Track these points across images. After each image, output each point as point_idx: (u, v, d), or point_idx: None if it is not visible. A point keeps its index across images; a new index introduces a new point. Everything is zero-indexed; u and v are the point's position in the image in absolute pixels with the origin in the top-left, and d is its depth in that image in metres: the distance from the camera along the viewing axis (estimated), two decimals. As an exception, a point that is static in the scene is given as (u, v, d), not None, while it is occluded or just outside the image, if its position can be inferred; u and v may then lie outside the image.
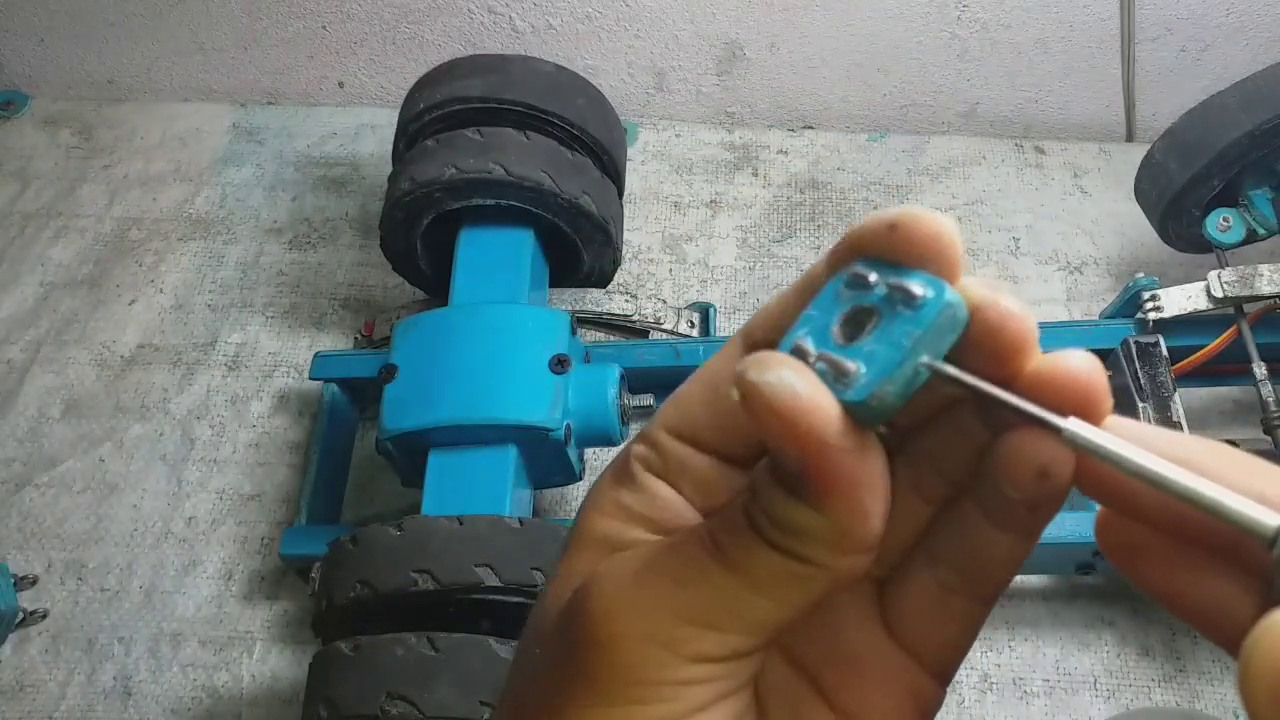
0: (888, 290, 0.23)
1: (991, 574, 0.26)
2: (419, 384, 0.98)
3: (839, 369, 0.23)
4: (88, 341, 1.32)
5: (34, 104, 1.57)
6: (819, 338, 0.24)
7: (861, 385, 0.23)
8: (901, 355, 0.23)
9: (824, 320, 0.24)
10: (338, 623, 0.86)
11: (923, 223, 0.23)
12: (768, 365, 0.22)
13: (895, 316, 0.23)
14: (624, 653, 0.23)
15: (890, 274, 0.23)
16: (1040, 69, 1.41)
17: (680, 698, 0.23)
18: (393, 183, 1.11)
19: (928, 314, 0.23)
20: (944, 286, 0.23)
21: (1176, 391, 0.99)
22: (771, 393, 0.22)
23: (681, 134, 1.50)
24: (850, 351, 0.23)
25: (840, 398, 0.22)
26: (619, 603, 0.24)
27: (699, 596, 0.23)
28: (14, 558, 1.15)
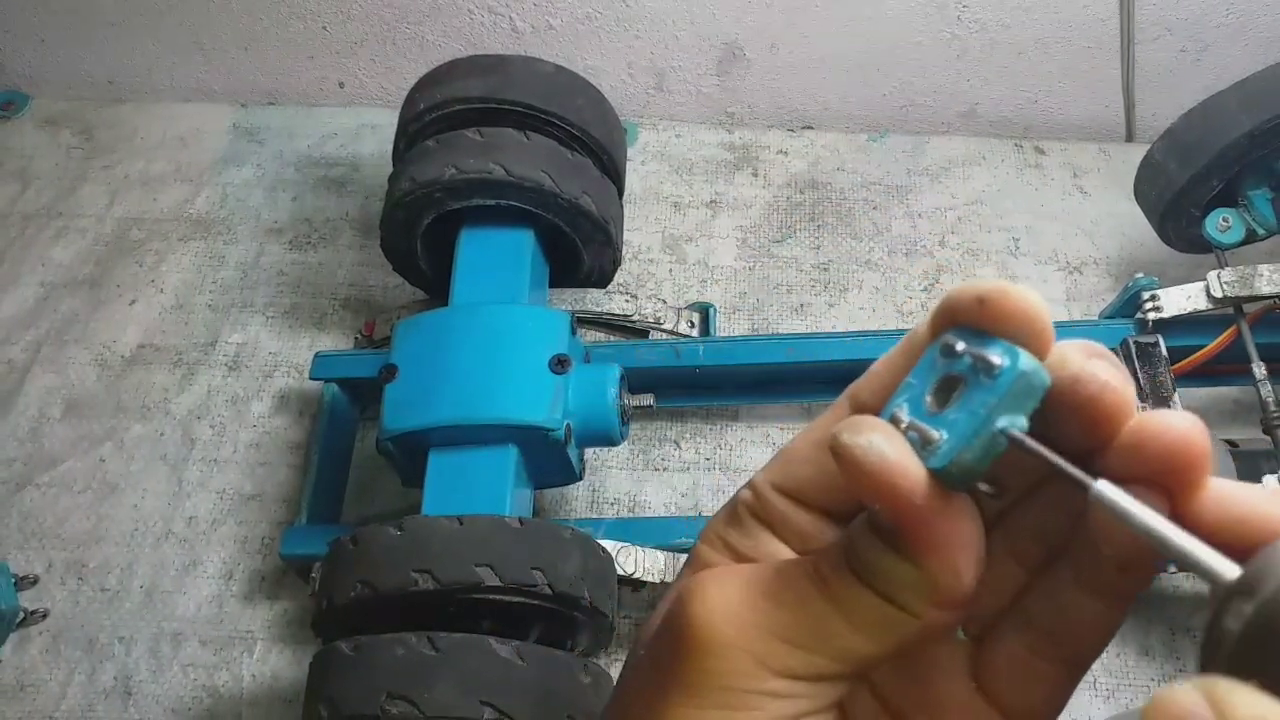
0: (972, 360, 0.25)
1: (1079, 640, 0.27)
2: (419, 384, 0.98)
3: (925, 437, 0.24)
4: (88, 341, 1.32)
5: (34, 104, 1.57)
6: (914, 405, 0.25)
7: (942, 453, 0.24)
8: (978, 424, 0.24)
9: (920, 389, 0.26)
10: (338, 622, 0.86)
11: (1010, 298, 0.24)
12: (859, 429, 0.24)
13: (976, 385, 0.24)
14: (719, 659, 0.25)
15: (976, 344, 0.25)
16: (1040, 69, 1.41)
17: (764, 708, 0.25)
18: (393, 183, 1.11)
19: (1003, 382, 0.24)
20: (1019, 355, 0.24)
21: (1176, 391, 0.99)
22: (862, 455, 0.24)
23: (681, 134, 1.50)
24: (937, 420, 0.25)
25: (925, 464, 0.24)
26: (719, 612, 0.26)
27: (795, 618, 0.25)
28: (14, 557, 1.15)
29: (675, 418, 1.23)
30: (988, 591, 0.27)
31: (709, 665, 0.25)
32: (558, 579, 0.83)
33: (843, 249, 1.37)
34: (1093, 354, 0.25)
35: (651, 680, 0.27)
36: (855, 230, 1.38)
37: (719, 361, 1.11)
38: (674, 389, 1.17)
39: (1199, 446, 0.23)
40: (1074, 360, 0.24)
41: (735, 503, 0.29)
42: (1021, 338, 0.24)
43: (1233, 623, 0.21)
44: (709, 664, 0.25)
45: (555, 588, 0.83)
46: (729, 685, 0.25)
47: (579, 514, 1.16)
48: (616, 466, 1.20)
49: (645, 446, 1.21)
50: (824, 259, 1.36)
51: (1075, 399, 0.24)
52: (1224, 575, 0.22)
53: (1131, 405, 0.24)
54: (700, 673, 0.25)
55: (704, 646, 0.25)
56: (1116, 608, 0.27)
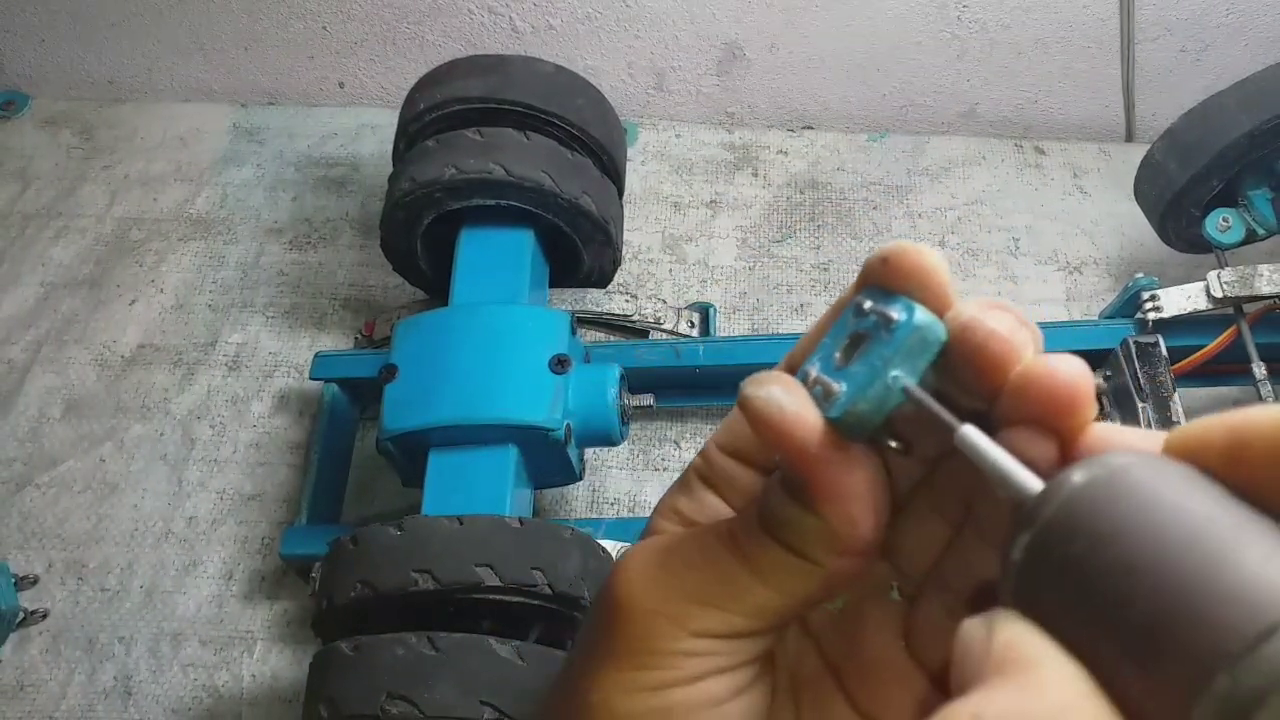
0: (876, 317, 0.26)
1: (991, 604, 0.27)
2: (419, 384, 0.98)
3: (828, 390, 0.26)
4: (88, 341, 1.32)
5: (34, 104, 1.57)
6: (824, 362, 0.27)
7: (839, 403, 0.25)
8: (874, 375, 0.25)
9: (832, 347, 0.27)
10: (338, 622, 0.86)
11: (908, 255, 0.26)
12: (760, 382, 0.26)
13: (878, 340, 0.25)
14: (637, 623, 0.27)
15: (882, 302, 0.26)
16: (1040, 69, 1.41)
17: (682, 666, 0.26)
18: (393, 183, 1.11)
19: (899, 336, 0.25)
20: (914, 309, 0.25)
21: (1176, 391, 0.99)
22: (761, 405, 0.25)
23: (681, 134, 1.50)
24: (839, 374, 0.26)
25: (825, 414, 0.25)
26: (637, 580, 0.27)
27: (707, 579, 0.27)
28: (14, 557, 1.15)
29: (675, 418, 1.23)
30: (918, 551, 0.28)
31: (628, 630, 0.27)
32: (558, 579, 0.83)
33: (843, 249, 1.37)
34: (990, 307, 0.25)
35: (584, 649, 0.28)
36: (855, 230, 1.38)
37: (719, 361, 1.11)
38: (674, 389, 1.17)
39: (1083, 388, 0.24)
40: (965, 310, 0.25)
41: (687, 471, 0.31)
42: (921, 294, 0.25)
43: (1015, 553, 0.22)
44: (628, 629, 0.27)
45: (555, 588, 0.83)
46: (648, 648, 0.26)
47: (579, 514, 1.16)
48: (616, 466, 1.20)
49: (645, 446, 1.21)
50: (824, 259, 1.36)
51: (965, 348, 0.25)
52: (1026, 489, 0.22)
53: (1018, 352, 0.24)
54: (622, 638, 0.27)
55: (624, 613, 0.27)
56: None
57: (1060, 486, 0.21)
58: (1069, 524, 0.21)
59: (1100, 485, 0.21)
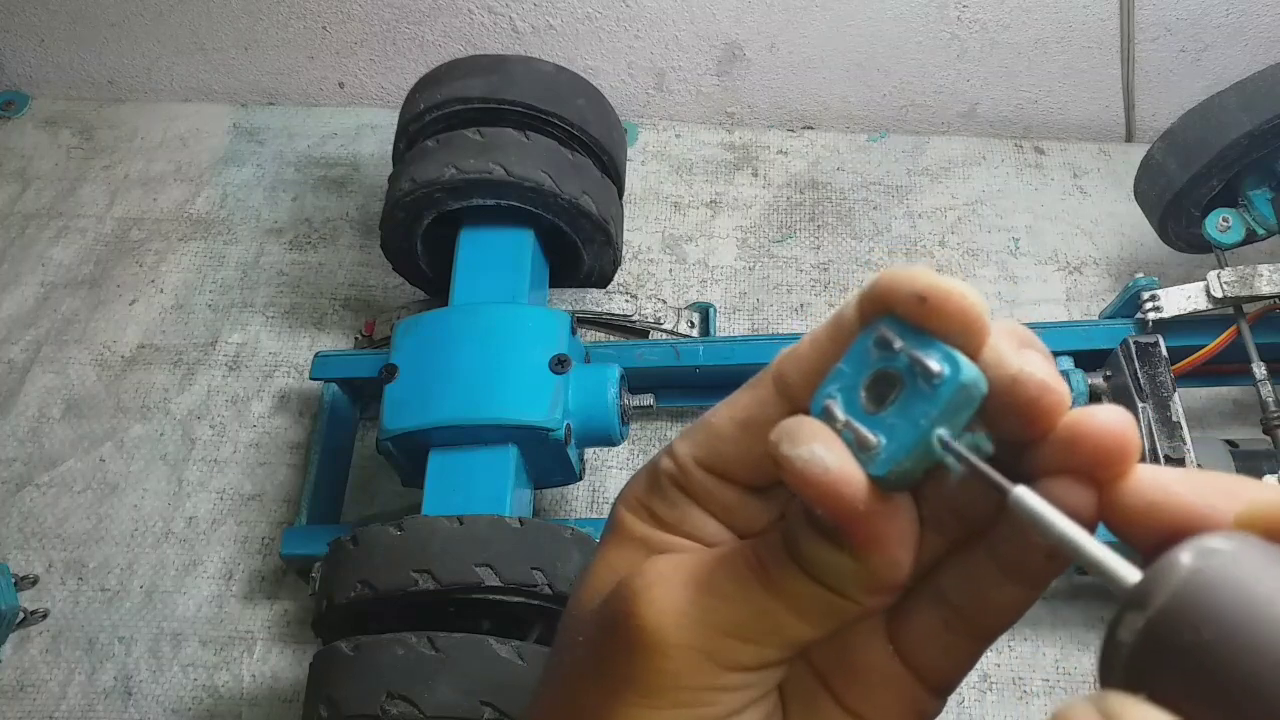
0: (909, 362, 0.25)
1: (992, 619, 0.28)
2: (419, 384, 0.98)
3: (863, 441, 0.25)
4: (88, 341, 1.32)
5: (34, 104, 1.57)
6: (847, 399, 0.25)
7: (881, 460, 0.24)
8: (918, 435, 0.24)
9: (853, 380, 0.26)
10: (338, 622, 0.86)
11: (952, 299, 0.24)
12: (798, 438, 0.24)
13: (915, 391, 0.25)
14: (671, 660, 0.25)
15: (914, 342, 0.25)
16: (1040, 69, 1.41)
17: (719, 702, 0.26)
18: (393, 183, 1.11)
19: (944, 394, 0.24)
20: (960, 365, 0.24)
21: (1176, 391, 0.99)
22: (804, 466, 0.24)
23: (681, 134, 1.50)
24: (873, 421, 0.25)
25: (866, 469, 0.24)
26: (669, 614, 0.26)
27: (742, 613, 0.26)
28: (14, 558, 1.15)
29: (675, 418, 1.23)
30: None
31: (662, 666, 0.25)
32: (558, 579, 0.83)
33: (843, 249, 1.37)
34: (1024, 345, 0.25)
35: (601, 679, 0.27)
36: (855, 230, 1.38)
37: (719, 361, 1.11)
38: (674, 389, 1.17)
39: (1131, 443, 0.24)
40: (1010, 360, 0.24)
41: (657, 471, 0.29)
42: (960, 340, 0.24)
43: (1126, 635, 0.21)
44: (661, 665, 0.25)
45: (555, 588, 0.83)
46: (683, 685, 0.25)
47: (579, 514, 1.16)
48: (616, 466, 1.20)
49: (645, 446, 1.21)
50: (824, 259, 1.36)
51: (1013, 400, 0.24)
52: (1126, 583, 0.22)
53: (1066, 402, 0.24)
54: (653, 673, 0.25)
55: (655, 648, 0.25)
56: (1033, 591, 0.27)
57: (1173, 570, 0.21)
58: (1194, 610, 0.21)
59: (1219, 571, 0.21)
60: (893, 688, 0.28)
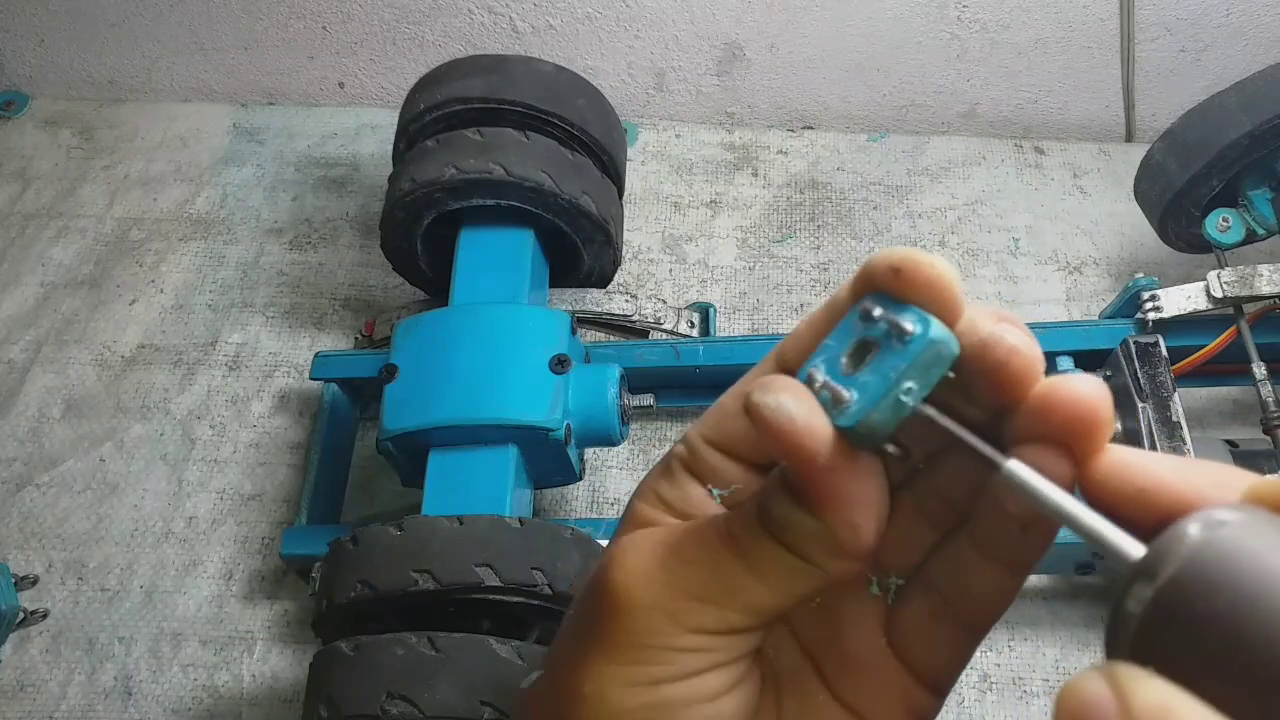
0: (887, 326, 0.26)
1: (977, 605, 0.28)
2: (419, 384, 0.98)
3: (837, 396, 0.25)
4: (88, 341, 1.32)
5: (34, 104, 1.57)
6: (830, 366, 0.26)
7: (851, 412, 0.25)
8: (888, 386, 0.25)
9: (837, 350, 0.27)
10: (338, 622, 0.86)
11: (922, 267, 0.25)
12: (769, 388, 0.25)
13: (888, 350, 0.25)
14: (634, 619, 0.26)
15: (892, 310, 0.26)
16: (1040, 69, 1.41)
17: (677, 661, 0.26)
18: (393, 183, 1.11)
19: (913, 349, 0.25)
20: (931, 323, 0.25)
21: (1176, 391, 0.99)
22: (770, 414, 0.25)
23: (681, 134, 1.50)
24: (849, 381, 0.26)
25: (834, 422, 0.25)
26: (635, 575, 0.27)
27: (705, 576, 0.27)
28: (14, 558, 1.15)
29: (675, 418, 1.23)
30: (900, 550, 0.29)
31: (626, 624, 0.26)
32: (558, 579, 0.83)
33: (843, 249, 1.37)
34: (1001, 319, 0.26)
35: (576, 640, 0.28)
36: (855, 230, 1.38)
37: (719, 361, 1.11)
38: (674, 389, 1.17)
39: (1103, 411, 0.24)
40: (982, 325, 0.25)
41: (670, 457, 0.31)
42: (933, 306, 0.25)
43: (1134, 606, 0.21)
44: (626, 623, 0.26)
45: (555, 588, 0.83)
46: (645, 643, 0.26)
47: (579, 514, 1.16)
48: (616, 466, 1.20)
49: (645, 446, 1.21)
50: (824, 259, 1.36)
51: (984, 363, 0.25)
52: (1130, 556, 0.22)
53: (1039, 368, 0.25)
54: (619, 631, 0.27)
55: (621, 607, 0.27)
56: (1014, 575, 0.28)
57: (1181, 540, 0.21)
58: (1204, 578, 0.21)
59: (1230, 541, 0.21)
60: (885, 679, 0.29)
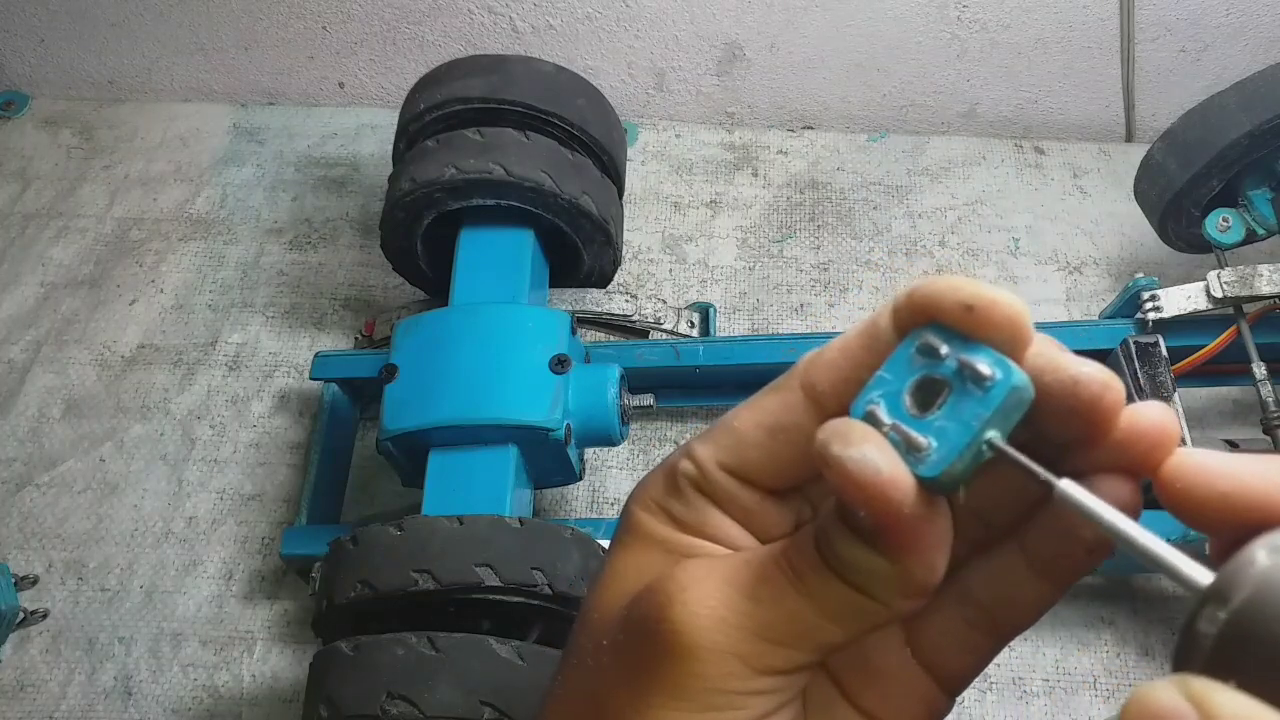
0: (958, 365, 0.25)
1: (1018, 617, 0.28)
2: (419, 384, 0.98)
3: (911, 442, 0.25)
4: (88, 341, 1.32)
5: (34, 104, 1.57)
6: (891, 404, 0.25)
7: (933, 462, 0.24)
8: (970, 436, 0.24)
9: (896, 386, 0.26)
10: (338, 622, 0.86)
11: (999, 307, 0.25)
12: (850, 440, 0.24)
13: (965, 394, 0.25)
14: (705, 663, 0.25)
15: (960, 348, 0.25)
16: (1040, 69, 1.41)
17: (749, 706, 0.26)
18: (393, 183, 1.11)
19: (996, 396, 0.24)
20: (1011, 370, 0.24)
21: (1176, 391, 0.99)
22: (856, 468, 0.24)
23: (681, 134, 1.50)
24: (922, 424, 0.25)
25: (914, 471, 0.24)
26: (702, 617, 0.26)
27: (774, 616, 0.26)
28: (14, 558, 1.15)
29: (675, 418, 1.23)
30: None
31: (695, 669, 0.25)
32: (558, 579, 0.83)
33: (843, 249, 1.37)
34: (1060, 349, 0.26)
35: (627, 681, 0.27)
36: (855, 230, 1.38)
37: (719, 361, 1.11)
38: (674, 389, 1.17)
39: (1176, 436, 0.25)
40: (1066, 363, 0.25)
41: (674, 473, 0.29)
42: (1006, 346, 0.25)
43: (1207, 627, 0.22)
44: (695, 668, 0.25)
45: (555, 588, 0.83)
46: (715, 688, 0.25)
47: (579, 514, 1.16)
48: (616, 466, 1.20)
49: (645, 446, 1.21)
50: (824, 259, 1.36)
51: (1076, 401, 0.25)
52: (1195, 580, 0.23)
53: (1124, 399, 0.25)
54: (686, 676, 0.25)
55: (689, 651, 0.25)
56: (1060, 587, 0.28)
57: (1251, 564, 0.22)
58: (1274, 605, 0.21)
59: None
60: (908, 688, 0.28)
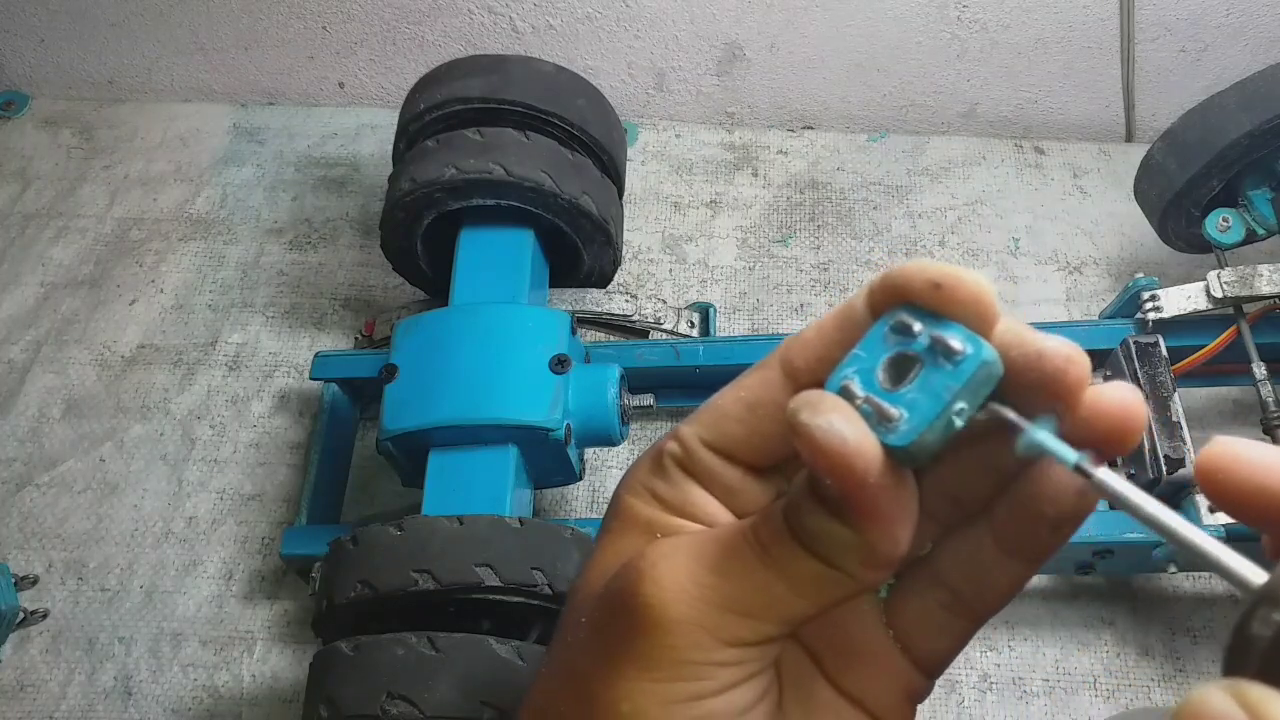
0: (930, 341, 0.26)
1: (991, 598, 0.29)
2: (419, 384, 0.98)
3: (883, 413, 0.25)
4: (88, 341, 1.32)
5: (34, 104, 1.57)
6: (865, 379, 0.26)
7: (904, 431, 0.25)
8: (941, 406, 0.25)
9: (870, 362, 0.26)
10: (338, 622, 0.86)
11: (965, 284, 0.26)
12: (819, 409, 0.25)
13: (937, 368, 0.25)
14: (673, 635, 0.26)
15: (933, 325, 0.26)
16: (1040, 69, 1.41)
17: (716, 676, 0.27)
18: (393, 183, 1.11)
19: (966, 369, 0.25)
20: (981, 344, 0.25)
21: (1176, 391, 0.99)
22: (822, 435, 0.24)
23: (681, 134, 1.50)
24: (894, 397, 0.26)
25: (883, 440, 0.25)
26: (671, 590, 0.27)
27: (742, 589, 0.26)
28: (14, 558, 1.15)
29: (675, 418, 1.23)
30: None
31: (664, 641, 0.26)
32: (558, 579, 0.83)
33: (843, 249, 1.37)
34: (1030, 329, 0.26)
35: (602, 654, 0.28)
36: (855, 230, 1.38)
37: (719, 361, 1.11)
38: (674, 389, 1.17)
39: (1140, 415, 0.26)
40: (1031, 337, 0.26)
41: (660, 453, 0.30)
42: (974, 321, 0.26)
43: (1262, 629, 0.22)
44: (663, 640, 0.26)
45: (555, 588, 0.83)
46: (684, 659, 0.26)
47: (579, 514, 1.16)
48: (616, 466, 1.20)
49: (645, 446, 1.20)
50: (824, 259, 1.36)
51: (1040, 373, 0.25)
52: (1248, 579, 0.23)
53: (1089, 373, 0.25)
54: (655, 648, 0.26)
55: (658, 623, 0.26)
56: (1032, 566, 0.28)
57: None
58: None
59: None
60: (887, 669, 0.29)
